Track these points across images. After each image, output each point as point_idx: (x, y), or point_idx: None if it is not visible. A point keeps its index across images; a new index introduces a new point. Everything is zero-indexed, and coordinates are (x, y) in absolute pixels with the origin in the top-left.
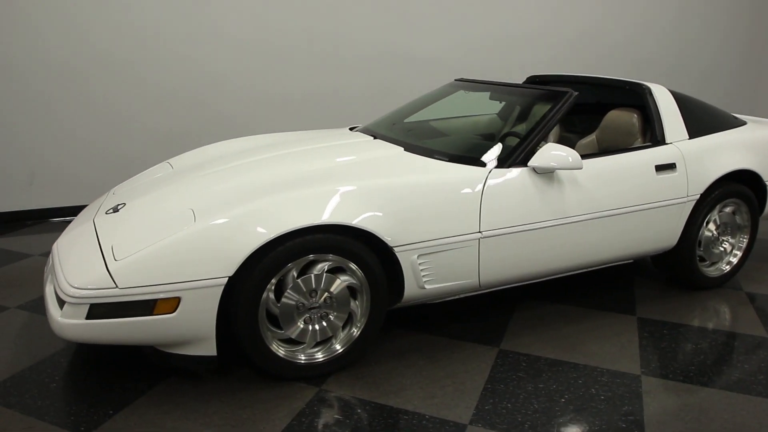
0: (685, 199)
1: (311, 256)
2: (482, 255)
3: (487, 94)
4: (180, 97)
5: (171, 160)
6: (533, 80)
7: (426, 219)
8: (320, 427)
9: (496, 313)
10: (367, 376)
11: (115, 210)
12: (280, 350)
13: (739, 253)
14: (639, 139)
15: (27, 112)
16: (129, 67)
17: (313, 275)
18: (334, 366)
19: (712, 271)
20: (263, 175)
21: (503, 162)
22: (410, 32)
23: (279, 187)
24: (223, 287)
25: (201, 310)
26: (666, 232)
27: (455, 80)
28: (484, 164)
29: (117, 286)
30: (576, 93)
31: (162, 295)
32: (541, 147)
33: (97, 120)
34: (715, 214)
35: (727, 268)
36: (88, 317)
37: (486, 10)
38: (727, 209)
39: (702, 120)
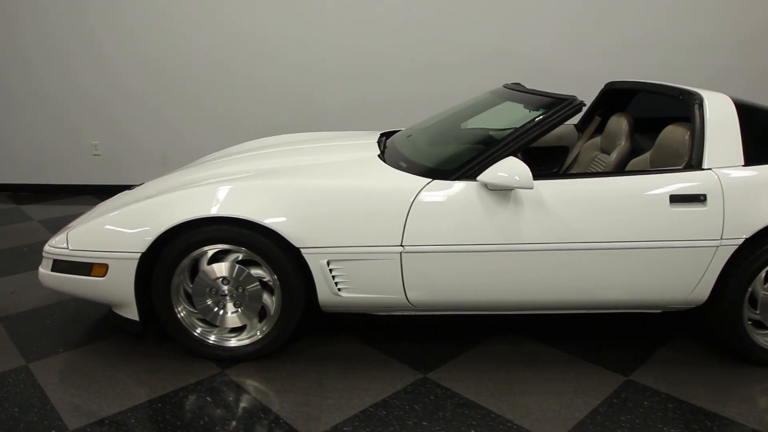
0: (716, 243)
1: (227, 246)
2: (406, 271)
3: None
4: (275, 93)
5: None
6: (610, 87)
7: (340, 225)
8: (187, 402)
9: (459, 341)
10: (272, 371)
11: (130, 188)
12: (198, 329)
13: None
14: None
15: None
16: (222, 65)
17: (223, 264)
18: (243, 354)
19: None
20: (226, 170)
21: (448, 174)
22: (547, 41)
23: (214, 179)
24: (137, 261)
25: (122, 278)
26: (683, 282)
27: (503, 86)
28: (429, 175)
29: (68, 248)
30: (579, 102)
31: (95, 261)
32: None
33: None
34: None
35: None
36: (52, 270)
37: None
38: None
39: None
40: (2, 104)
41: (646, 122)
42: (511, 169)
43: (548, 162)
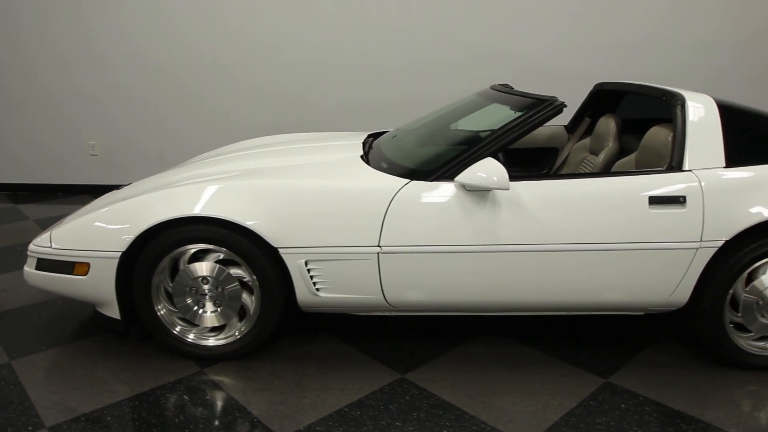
0: (696, 245)
1: (206, 246)
2: (384, 271)
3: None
4: (271, 93)
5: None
6: (599, 88)
7: (318, 225)
8: (164, 400)
9: (440, 342)
10: (251, 370)
11: (118, 187)
12: (177, 327)
13: None
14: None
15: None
16: (217, 66)
17: (203, 263)
18: (222, 353)
19: (758, 348)
20: (211, 170)
21: (427, 175)
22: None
23: (197, 179)
24: (118, 260)
25: (104, 276)
26: (663, 284)
27: (490, 87)
28: (408, 176)
29: (51, 247)
30: (559, 104)
31: (77, 259)
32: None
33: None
34: (767, 273)
35: None
36: (36, 268)
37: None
38: None
39: (765, 146)
40: (0, 104)
41: (637, 123)
42: (488, 170)
43: (538, 163)
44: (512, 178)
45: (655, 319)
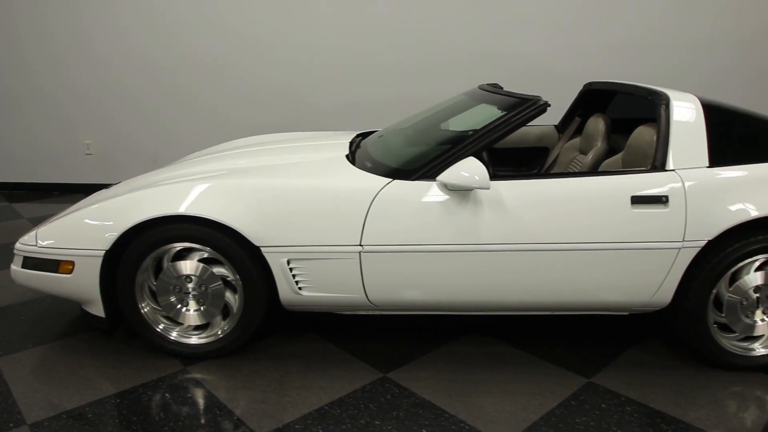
0: (678, 245)
1: (189, 244)
2: (366, 270)
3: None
4: (267, 93)
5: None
6: (589, 87)
7: (300, 224)
8: (145, 398)
9: (424, 341)
10: (234, 368)
11: (107, 186)
12: (161, 325)
13: None
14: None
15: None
16: (213, 65)
17: (187, 262)
18: (205, 352)
19: (742, 348)
20: (198, 169)
21: (409, 174)
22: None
23: (183, 178)
24: (102, 258)
25: (88, 275)
26: (645, 284)
27: (478, 87)
28: (391, 176)
29: (37, 245)
30: (543, 103)
31: (62, 258)
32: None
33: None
34: (750, 273)
35: (764, 351)
36: (22, 266)
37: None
38: None
39: (750, 146)
40: None
41: (628, 123)
42: (469, 169)
43: (529, 163)
44: (495, 177)
45: (641, 319)
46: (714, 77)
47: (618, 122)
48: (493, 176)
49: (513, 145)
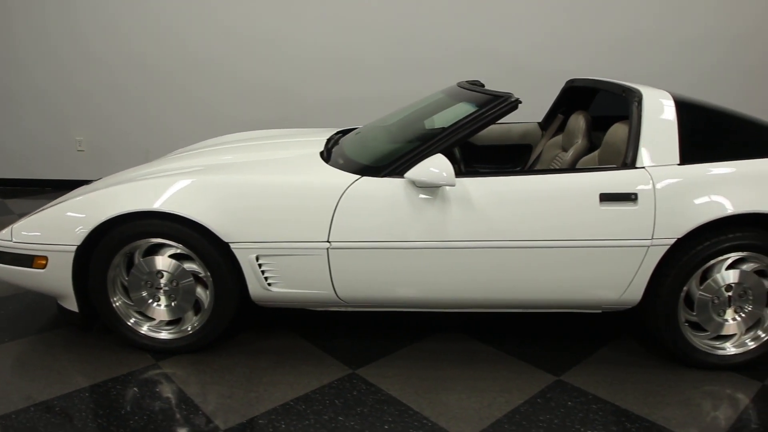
0: (647, 243)
1: (161, 240)
2: (334, 267)
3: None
4: (259, 89)
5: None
6: (571, 84)
7: (268, 220)
8: (113, 392)
9: (397, 338)
10: (204, 363)
11: (82, 181)
12: (132, 319)
13: (764, 335)
14: None
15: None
16: (205, 62)
17: (158, 257)
18: (176, 347)
19: (715, 348)
20: (175, 165)
21: (378, 171)
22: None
23: (157, 174)
24: (74, 253)
25: (61, 270)
26: (614, 282)
27: (457, 84)
28: (361, 172)
29: (12, 240)
30: (514, 100)
31: (36, 253)
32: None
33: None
34: (722, 271)
35: (735, 350)
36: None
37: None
38: (745, 267)
39: (723, 143)
40: None
41: (611, 120)
42: (436, 166)
43: (513, 160)
44: (465, 174)
45: (617, 317)
46: (706, 75)
47: (602, 119)
48: (464, 173)
49: (496, 142)
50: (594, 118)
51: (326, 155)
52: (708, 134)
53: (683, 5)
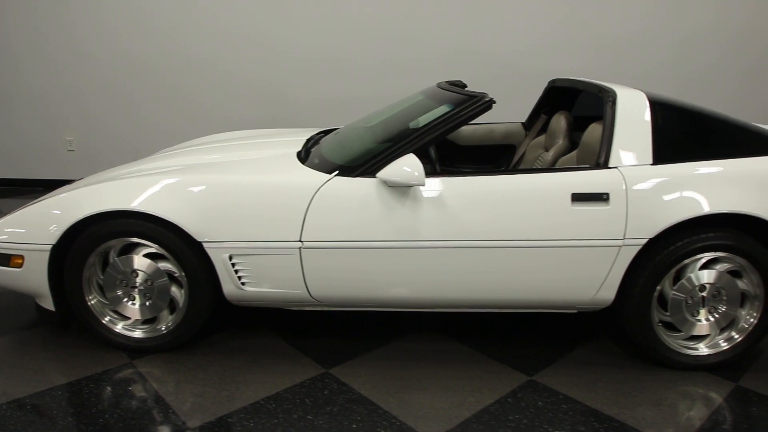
0: (619, 243)
1: (135, 240)
2: (306, 266)
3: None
4: (250, 89)
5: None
6: (552, 84)
7: (241, 220)
8: (86, 391)
9: (373, 338)
10: (179, 362)
11: (71, 181)
12: (107, 317)
13: (738, 336)
14: None
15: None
16: (195, 61)
17: (133, 256)
18: (151, 346)
19: (688, 348)
20: (154, 165)
21: (351, 171)
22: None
23: (134, 174)
24: (49, 252)
25: (37, 269)
26: (586, 282)
27: (436, 84)
28: (331, 171)
29: None
30: (488, 100)
31: (12, 252)
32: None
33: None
34: (695, 271)
35: (709, 351)
36: None
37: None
38: (718, 267)
39: (696, 143)
40: None
41: (594, 120)
42: (407, 166)
43: (496, 160)
44: (437, 174)
45: (593, 316)
46: (701, 75)
47: (586, 119)
48: (440, 173)
49: (480, 142)
50: (578, 119)
51: (304, 155)
52: (682, 134)
53: (677, 5)
